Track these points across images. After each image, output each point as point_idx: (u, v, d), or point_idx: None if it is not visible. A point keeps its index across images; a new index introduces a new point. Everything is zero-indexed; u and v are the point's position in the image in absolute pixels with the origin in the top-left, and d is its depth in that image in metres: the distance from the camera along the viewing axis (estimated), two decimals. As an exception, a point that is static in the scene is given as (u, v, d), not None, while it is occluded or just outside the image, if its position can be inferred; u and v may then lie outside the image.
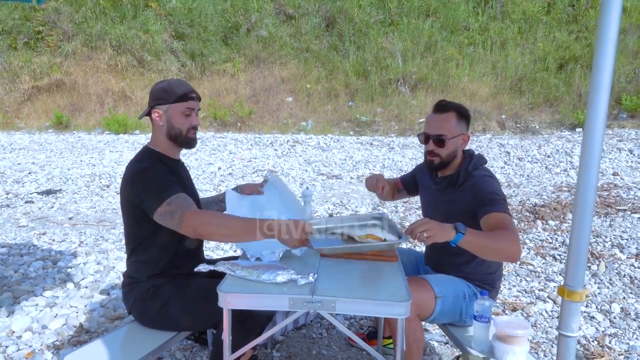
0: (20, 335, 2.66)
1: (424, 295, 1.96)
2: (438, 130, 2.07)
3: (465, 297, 2.06)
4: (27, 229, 4.71)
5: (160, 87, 1.98)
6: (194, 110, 1.98)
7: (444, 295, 1.99)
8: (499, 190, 1.99)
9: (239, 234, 1.73)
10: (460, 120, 2.10)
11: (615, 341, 2.72)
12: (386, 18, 12.82)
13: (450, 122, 2.08)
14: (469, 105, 10.56)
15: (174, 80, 2.00)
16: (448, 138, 2.06)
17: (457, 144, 2.10)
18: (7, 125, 11.42)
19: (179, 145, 2.01)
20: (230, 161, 8.20)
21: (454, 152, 2.11)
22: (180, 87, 1.96)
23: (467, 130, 2.15)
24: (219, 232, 1.76)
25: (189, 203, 1.81)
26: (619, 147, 7.76)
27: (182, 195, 1.82)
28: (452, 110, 2.09)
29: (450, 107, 2.10)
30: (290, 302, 1.52)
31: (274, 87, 11.90)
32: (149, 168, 1.90)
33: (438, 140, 2.07)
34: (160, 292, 1.95)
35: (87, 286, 3.31)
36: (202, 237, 1.85)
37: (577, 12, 12.21)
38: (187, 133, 1.97)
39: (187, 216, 1.75)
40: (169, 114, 1.95)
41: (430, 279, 2.05)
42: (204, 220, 1.75)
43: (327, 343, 2.69)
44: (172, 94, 1.94)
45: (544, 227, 4.55)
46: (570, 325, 1.37)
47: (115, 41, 12.37)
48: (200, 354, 2.53)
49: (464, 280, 2.11)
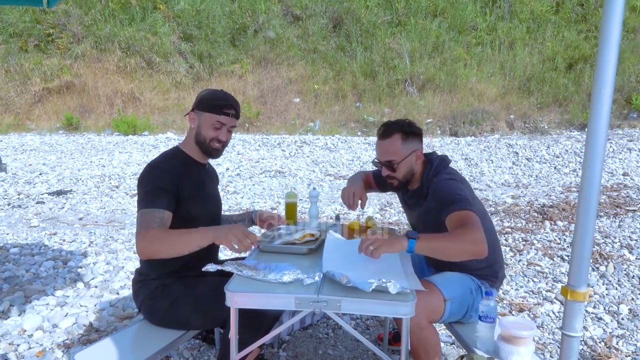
0: (31, 334, 2.70)
1: (433, 299, 1.94)
2: (386, 157, 2.06)
3: (472, 292, 2.05)
4: (38, 229, 4.78)
5: (205, 92, 2.02)
6: (224, 125, 1.99)
7: (452, 297, 1.98)
8: (459, 190, 1.95)
9: (185, 246, 1.78)
10: (406, 139, 2.05)
11: (622, 342, 2.70)
12: (393, 18, 12.81)
13: (395, 146, 2.04)
14: (478, 105, 10.55)
15: (221, 93, 2.01)
16: (398, 162, 2.04)
17: (410, 163, 2.08)
18: (18, 127, 11.56)
19: (202, 151, 2.04)
20: (238, 162, 8.25)
21: (410, 171, 2.09)
22: (219, 100, 1.97)
23: (420, 143, 2.11)
24: (166, 250, 1.78)
25: (153, 222, 1.80)
26: (629, 147, 7.70)
27: (155, 212, 1.82)
28: (396, 132, 2.05)
29: (392, 129, 2.06)
30: (297, 301, 1.53)
31: (282, 88, 11.94)
32: (154, 168, 1.94)
33: (389, 166, 2.07)
34: (168, 290, 1.98)
35: (96, 286, 3.36)
36: (151, 257, 1.87)
37: (586, 12, 12.12)
38: (209, 143, 1.99)
39: (139, 236, 1.78)
40: (201, 120, 1.99)
41: (437, 282, 2.03)
42: (151, 240, 1.77)
43: (334, 343, 2.70)
44: (209, 103, 1.97)
45: (552, 228, 4.53)
46: (573, 325, 1.37)
47: (124, 43, 12.49)
48: (207, 353, 2.55)
49: (468, 275, 2.09)
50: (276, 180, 7.07)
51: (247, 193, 6.34)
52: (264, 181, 7.04)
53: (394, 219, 5.12)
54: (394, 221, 4.99)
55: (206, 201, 2.07)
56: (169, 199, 1.88)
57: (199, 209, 2.00)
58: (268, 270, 1.67)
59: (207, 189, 2.10)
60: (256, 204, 5.82)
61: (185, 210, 1.93)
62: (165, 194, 1.87)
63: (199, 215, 1.99)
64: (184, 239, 1.78)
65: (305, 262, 1.86)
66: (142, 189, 1.89)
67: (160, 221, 1.82)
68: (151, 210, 1.83)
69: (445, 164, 2.12)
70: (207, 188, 2.11)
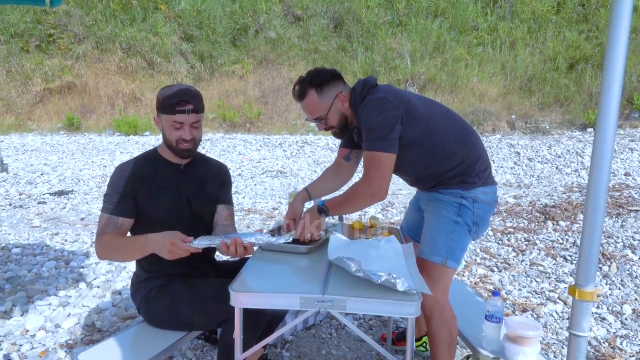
0: (34, 334, 2.70)
1: (434, 273, 1.88)
2: (312, 115, 2.00)
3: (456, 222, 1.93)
4: (40, 230, 4.77)
5: (160, 92, 1.91)
6: (183, 123, 1.87)
7: (445, 254, 1.90)
8: (371, 120, 1.83)
9: (130, 254, 1.88)
10: (321, 91, 1.95)
11: (626, 342, 2.69)
12: (394, 18, 12.81)
13: (314, 102, 1.96)
14: (479, 105, 10.53)
15: (174, 90, 1.88)
16: (325, 115, 1.98)
17: (337, 109, 1.98)
18: (19, 127, 11.57)
19: (173, 153, 1.96)
20: (239, 162, 8.24)
21: (341, 116, 2.00)
22: (172, 98, 1.85)
23: (339, 85, 1.99)
24: (115, 257, 1.94)
25: (107, 228, 1.87)
26: (630, 147, 7.68)
27: (110, 218, 1.88)
28: (309, 89, 1.95)
29: (304, 88, 1.97)
30: (302, 301, 1.52)
31: (283, 88, 11.94)
32: (117, 171, 1.95)
33: (320, 122, 2.01)
34: (163, 292, 1.97)
35: (99, 286, 3.35)
36: (108, 260, 1.99)
37: (587, 12, 12.11)
38: (176, 145, 1.91)
39: (96, 241, 1.87)
40: (162, 122, 1.92)
41: (424, 253, 1.94)
42: (102, 246, 1.85)
43: (337, 343, 2.70)
44: (163, 104, 1.87)
45: (554, 228, 4.52)
46: (581, 324, 1.37)
47: (125, 43, 12.49)
48: (210, 354, 2.55)
49: (446, 194, 1.97)
50: (278, 181, 7.07)
51: (249, 193, 6.34)
52: (266, 181, 7.03)
53: (395, 219, 5.11)
54: (396, 221, 4.98)
55: (171, 203, 1.96)
56: (127, 204, 1.90)
57: (160, 213, 1.94)
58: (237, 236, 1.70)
59: (175, 191, 1.98)
60: (258, 204, 5.82)
61: (145, 214, 1.93)
62: (123, 198, 1.89)
63: (162, 218, 1.94)
64: (128, 249, 1.85)
65: (303, 262, 1.85)
66: (106, 192, 1.94)
67: (114, 227, 1.88)
68: (108, 216, 1.89)
69: (367, 85, 1.97)
70: (177, 189, 1.99)
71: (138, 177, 1.93)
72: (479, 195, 1.96)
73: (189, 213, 2.01)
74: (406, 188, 6.59)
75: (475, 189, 1.96)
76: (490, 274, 3.64)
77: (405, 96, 1.90)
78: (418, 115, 1.86)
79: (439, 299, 1.88)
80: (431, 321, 1.91)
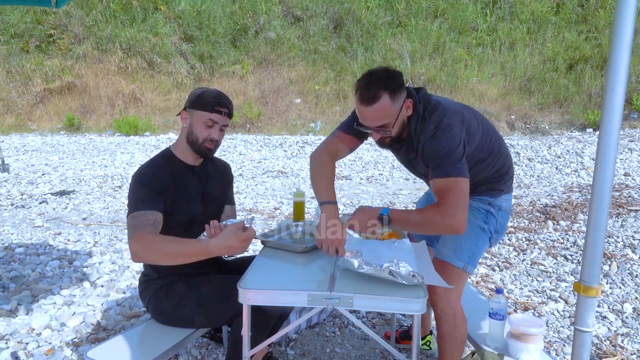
0: (39, 332, 2.71)
1: (452, 278, 1.87)
2: (378, 122, 1.77)
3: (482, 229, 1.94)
4: (42, 229, 4.78)
5: (197, 91, 1.98)
6: (217, 123, 1.95)
7: (468, 258, 1.92)
8: (442, 149, 1.74)
9: (180, 256, 1.74)
10: (394, 96, 1.74)
11: (627, 340, 2.72)
12: (394, 19, 12.84)
13: (386, 108, 1.73)
14: (479, 106, 10.57)
15: (213, 91, 1.96)
16: (392, 123, 1.78)
17: (402, 118, 1.81)
18: (19, 127, 11.58)
19: (194, 151, 2.00)
20: (240, 162, 8.26)
21: (403, 125, 1.84)
22: (212, 98, 1.93)
23: (405, 90, 1.80)
24: (158, 257, 1.75)
25: (146, 224, 1.77)
26: (630, 148, 7.72)
27: (147, 213, 1.79)
28: (382, 93, 1.71)
29: (378, 90, 1.72)
30: (309, 298, 1.54)
31: (283, 89, 11.96)
32: (142, 174, 1.91)
33: (383, 130, 1.80)
34: (173, 290, 1.99)
35: (103, 285, 3.37)
36: (146, 262, 1.86)
37: (587, 12, 12.16)
38: (202, 142, 1.96)
39: (134, 238, 1.73)
40: (193, 119, 1.96)
41: (448, 255, 1.94)
42: (148, 245, 1.73)
43: (341, 341, 2.72)
44: (201, 101, 1.93)
45: (555, 228, 4.55)
46: (585, 320, 1.39)
47: (125, 44, 12.51)
48: (215, 352, 2.57)
49: (475, 200, 1.94)
50: (279, 181, 7.09)
51: (250, 193, 6.36)
52: (267, 181, 7.05)
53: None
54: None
55: (192, 206, 2.00)
56: (159, 202, 1.86)
57: (182, 216, 1.96)
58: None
59: (194, 193, 2.03)
60: (259, 204, 5.83)
61: (167, 216, 1.91)
62: (153, 195, 1.86)
63: (183, 220, 1.96)
64: (181, 251, 1.73)
65: (310, 259, 1.87)
66: (130, 196, 1.86)
67: (153, 223, 1.79)
68: (143, 212, 1.79)
69: (431, 108, 1.83)
70: (195, 191, 2.03)
71: (161, 181, 1.91)
72: (503, 203, 1.98)
73: (205, 214, 2.03)
74: (407, 188, 6.62)
75: (501, 197, 1.98)
76: (492, 273, 3.66)
77: (466, 116, 1.83)
78: (473, 134, 1.83)
79: (452, 301, 1.90)
80: (442, 323, 1.92)
